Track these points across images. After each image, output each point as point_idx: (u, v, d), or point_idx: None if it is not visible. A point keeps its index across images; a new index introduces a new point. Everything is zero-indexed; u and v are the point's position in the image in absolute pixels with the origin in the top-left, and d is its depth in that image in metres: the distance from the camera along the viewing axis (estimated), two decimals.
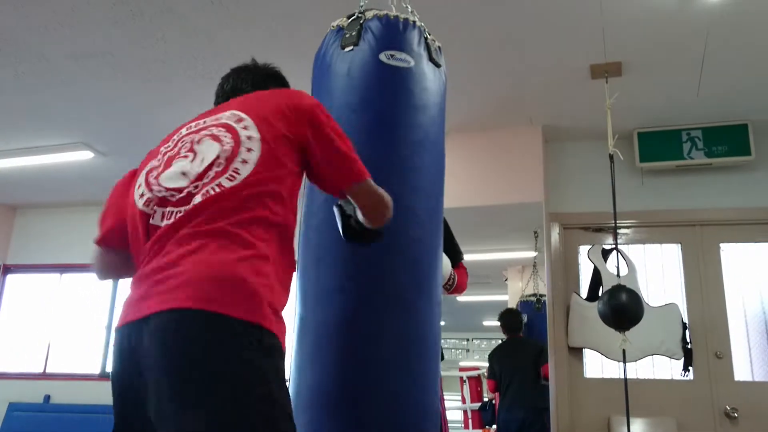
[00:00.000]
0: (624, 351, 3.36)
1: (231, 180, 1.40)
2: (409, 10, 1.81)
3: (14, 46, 3.51)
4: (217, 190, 1.38)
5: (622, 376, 3.48)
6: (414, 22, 1.67)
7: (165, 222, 1.39)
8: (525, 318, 4.61)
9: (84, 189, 5.83)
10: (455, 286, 2.58)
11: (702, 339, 4.09)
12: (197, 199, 1.38)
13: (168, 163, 1.49)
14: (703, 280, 4.21)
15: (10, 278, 6.64)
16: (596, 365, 4.26)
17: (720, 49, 3.37)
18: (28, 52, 3.61)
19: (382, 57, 1.63)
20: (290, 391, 1.50)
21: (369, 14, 1.69)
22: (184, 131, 1.57)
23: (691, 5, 3.01)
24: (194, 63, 3.68)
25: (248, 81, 1.75)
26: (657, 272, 4.36)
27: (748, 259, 4.27)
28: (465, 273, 2.70)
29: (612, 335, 3.44)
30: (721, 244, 4.28)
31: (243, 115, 1.51)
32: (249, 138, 1.46)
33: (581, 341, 4.18)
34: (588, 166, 4.46)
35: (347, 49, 1.66)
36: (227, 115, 1.53)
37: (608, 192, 3.56)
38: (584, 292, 4.30)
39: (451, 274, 2.48)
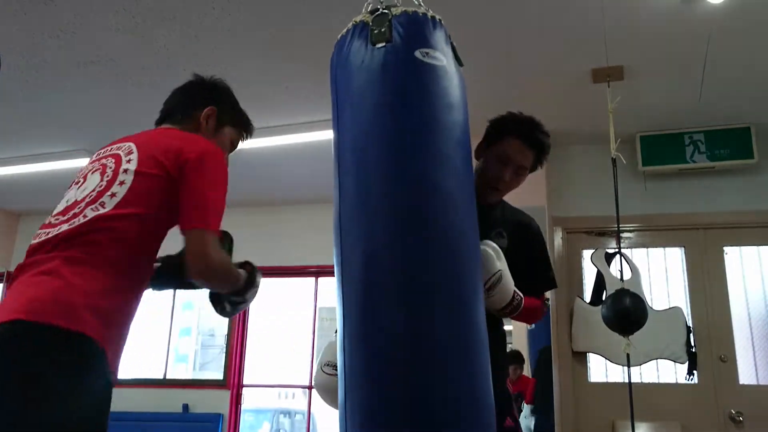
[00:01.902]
0: (628, 355, 3.34)
1: (96, 211, 1.54)
2: (422, 7, 1.80)
3: (18, 53, 3.52)
4: (82, 220, 1.52)
5: (627, 381, 3.48)
6: (440, 20, 1.67)
7: (33, 241, 1.57)
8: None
9: None
10: (523, 314, 1.97)
11: (706, 343, 4.08)
12: (63, 227, 1.53)
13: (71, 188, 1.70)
14: (707, 284, 4.20)
15: None
16: (600, 369, 4.25)
17: (722, 53, 3.37)
18: (32, 60, 3.62)
19: (418, 54, 1.59)
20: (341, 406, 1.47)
21: (396, 10, 1.66)
22: (94, 156, 1.77)
23: (693, 9, 3.01)
24: (197, 68, 3.68)
25: (180, 105, 1.89)
26: (660, 276, 4.36)
27: (752, 262, 4.27)
28: (542, 305, 2.13)
29: (616, 339, 3.43)
30: (725, 248, 4.27)
31: (134, 149, 1.66)
32: (125, 171, 1.60)
33: (585, 345, 4.17)
34: (590, 170, 4.46)
35: (379, 45, 1.63)
36: (125, 147, 1.70)
37: (611, 196, 3.56)
38: (588, 296, 4.29)
39: (514, 296, 1.90)
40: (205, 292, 1.80)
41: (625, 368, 3.52)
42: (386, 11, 1.66)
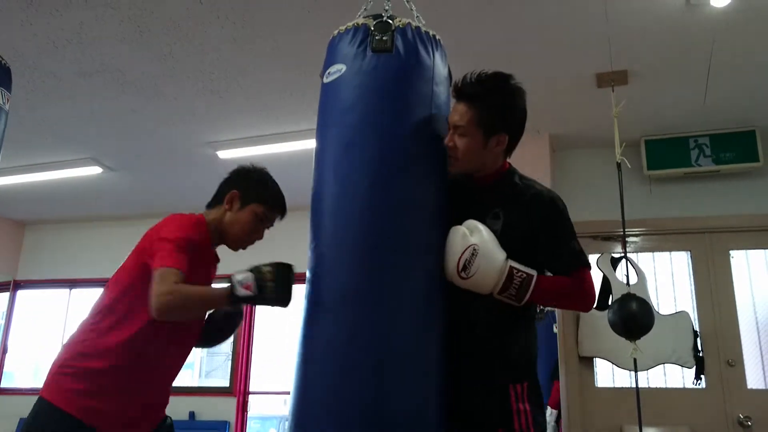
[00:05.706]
0: (635, 360, 3.34)
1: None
2: (415, 14, 1.84)
3: (23, 63, 3.54)
4: None
5: (634, 385, 3.46)
6: (355, 25, 1.71)
7: None
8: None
9: (93, 204, 5.85)
10: (541, 295, 1.70)
11: (713, 347, 4.06)
12: None
13: None
14: (714, 288, 4.19)
15: (21, 293, 6.67)
16: (607, 374, 4.23)
17: (726, 56, 3.36)
18: (38, 70, 3.64)
19: (324, 79, 1.76)
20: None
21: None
22: None
23: (697, 13, 3.01)
24: (201, 78, 3.71)
25: (215, 195, 2.16)
26: (667, 280, 4.34)
27: (759, 266, 4.25)
28: (580, 284, 1.77)
29: (623, 344, 3.42)
30: (731, 251, 4.25)
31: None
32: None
33: (592, 350, 4.16)
34: (595, 174, 4.45)
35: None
36: None
37: (616, 200, 3.55)
38: None
39: (512, 274, 1.63)
40: None
41: (633, 373, 3.51)
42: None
